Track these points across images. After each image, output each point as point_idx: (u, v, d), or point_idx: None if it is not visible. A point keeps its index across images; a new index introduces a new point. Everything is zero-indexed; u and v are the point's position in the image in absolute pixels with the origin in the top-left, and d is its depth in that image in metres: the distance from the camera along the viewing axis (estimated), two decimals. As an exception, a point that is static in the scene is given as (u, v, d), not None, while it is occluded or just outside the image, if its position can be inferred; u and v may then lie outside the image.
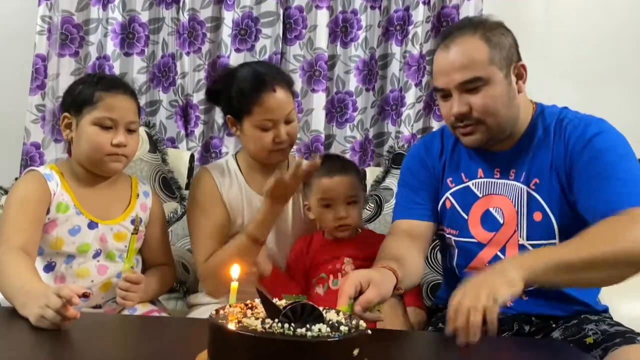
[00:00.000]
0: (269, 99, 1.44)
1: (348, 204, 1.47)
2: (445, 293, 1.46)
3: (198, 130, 2.22)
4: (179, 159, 2.09)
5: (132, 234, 1.38)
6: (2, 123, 2.20)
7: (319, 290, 1.44)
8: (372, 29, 2.28)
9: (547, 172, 1.27)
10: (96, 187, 1.41)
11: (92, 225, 1.38)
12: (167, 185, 1.98)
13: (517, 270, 1.02)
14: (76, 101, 1.37)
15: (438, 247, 1.69)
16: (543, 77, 1.96)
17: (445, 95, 1.28)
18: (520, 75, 1.29)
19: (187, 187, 2.03)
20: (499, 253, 1.29)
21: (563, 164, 1.25)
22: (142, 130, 2.03)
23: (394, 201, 1.53)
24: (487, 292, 0.98)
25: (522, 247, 1.28)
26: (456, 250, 1.36)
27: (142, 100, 2.20)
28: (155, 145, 2.04)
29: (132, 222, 1.41)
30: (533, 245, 1.27)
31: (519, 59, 1.29)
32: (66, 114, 1.39)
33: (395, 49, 2.27)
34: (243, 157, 1.60)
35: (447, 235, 1.38)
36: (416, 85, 2.26)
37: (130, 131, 1.39)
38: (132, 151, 1.41)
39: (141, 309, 1.37)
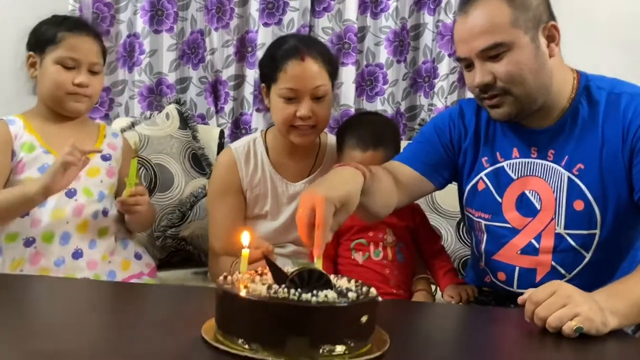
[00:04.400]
0: (295, 67, 1.37)
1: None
2: (471, 274, 1.40)
3: (228, 107, 2.21)
4: (209, 134, 2.10)
5: (133, 157, 1.40)
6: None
7: (358, 257, 1.38)
8: (403, -2, 2.21)
9: (597, 158, 1.16)
10: (62, 126, 1.43)
11: None
12: (197, 161, 1.99)
13: (612, 317, 0.93)
14: (40, 40, 1.40)
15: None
16: (585, 42, 1.85)
17: (469, 65, 1.19)
18: (552, 37, 1.16)
19: (217, 163, 2.03)
20: (533, 241, 1.21)
21: (620, 147, 1.14)
22: (172, 108, 2.05)
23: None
24: (599, 311, 0.91)
25: (558, 236, 1.19)
26: (485, 235, 1.28)
27: (172, 78, 2.21)
28: (185, 122, 2.04)
29: (103, 158, 1.42)
30: (570, 235, 1.19)
31: (550, 18, 1.17)
32: (31, 52, 1.42)
33: (428, 19, 2.19)
34: (272, 134, 1.54)
35: (477, 219, 1.29)
36: (449, 55, 2.18)
37: (93, 73, 1.41)
38: (95, 92, 1.43)
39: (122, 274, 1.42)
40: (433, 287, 1.45)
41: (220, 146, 2.09)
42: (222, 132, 2.14)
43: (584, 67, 1.25)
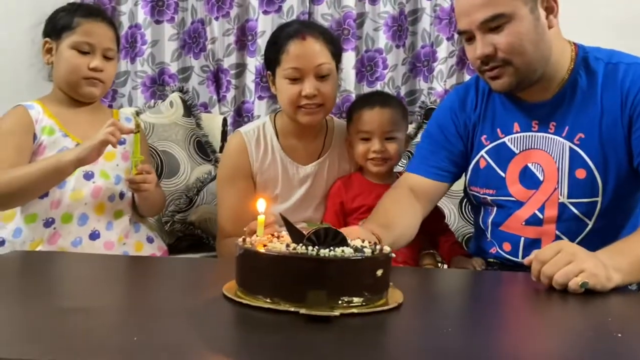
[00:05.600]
0: (296, 46, 1.40)
1: (386, 139, 1.46)
2: (474, 248, 1.43)
3: (230, 95, 2.24)
4: (212, 122, 2.13)
5: (135, 132, 1.41)
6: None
7: None
8: (401, -17, 2.23)
9: (596, 126, 1.19)
10: (78, 111, 1.47)
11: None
12: (202, 148, 2.01)
13: (616, 273, 0.96)
14: (56, 26, 1.45)
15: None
16: (578, 20, 1.87)
17: (470, 38, 1.21)
18: (551, 9, 1.19)
19: (221, 150, 2.06)
20: (537, 212, 1.24)
21: (619, 116, 1.17)
22: (176, 96, 2.08)
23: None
24: (603, 267, 0.94)
25: (561, 206, 1.22)
26: (495, 209, 1.31)
27: (174, 67, 2.23)
28: (189, 110, 2.07)
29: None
30: (573, 204, 1.21)
31: None
32: (47, 39, 1.46)
33: (425, 3, 2.22)
34: (281, 118, 1.55)
35: (482, 195, 1.32)
36: (448, 39, 2.21)
37: (107, 58, 1.45)
38: (109, 77, 1.47)
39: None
40: (440, 265, 1.48)
41: (224, 134, 2.12)
42: (225, 120, 2.16)
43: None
